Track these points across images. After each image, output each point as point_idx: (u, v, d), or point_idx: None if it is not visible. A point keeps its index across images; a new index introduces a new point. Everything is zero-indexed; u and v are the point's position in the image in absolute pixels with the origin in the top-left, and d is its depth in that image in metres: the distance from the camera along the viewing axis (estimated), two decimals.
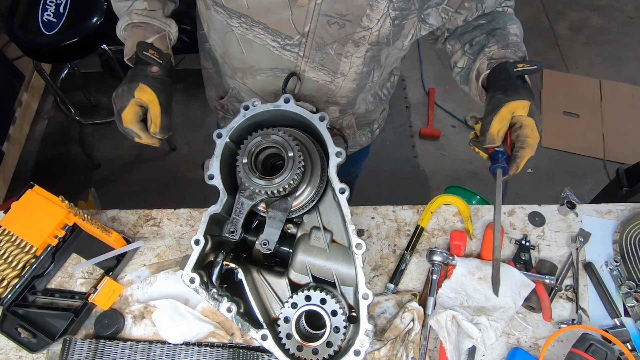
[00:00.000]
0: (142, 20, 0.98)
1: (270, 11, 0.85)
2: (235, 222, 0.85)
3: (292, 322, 0.79)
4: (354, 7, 0.81)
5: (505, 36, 0.95)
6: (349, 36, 0.87)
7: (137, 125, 0.93)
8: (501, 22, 0.98)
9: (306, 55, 0.91)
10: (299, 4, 0.82)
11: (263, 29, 0.89)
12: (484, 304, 0.99)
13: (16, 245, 1.05)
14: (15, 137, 2.62)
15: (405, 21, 0.86)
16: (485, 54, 0.95)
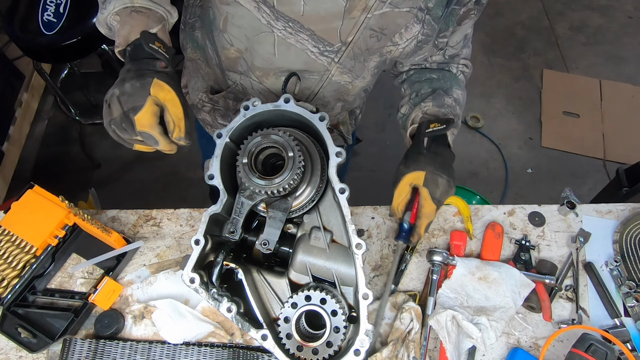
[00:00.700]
0: (144, 4, 0.84)
1: (324, 20, 0.85)
2: (235, 222, 0.85)
3: (292, 322, 0.79)
4: (394, 24, 0.86)
5: (444, 97, 1.02)
6: (379, 49, 0.91)
7: (157, 129, 0.78)
8: (449, 83, 1.05)
9: (340, 61, 0.94)
10: (352, 16, 0.84)
11: (309, 35, 0.88)
12: (484, 304, 0.99)
13: (16, 245, 1.05)
14: (15, 137, 2.62)
15: (425, 45, 0.94)
16: (421, 107, 1.01)
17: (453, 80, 1.07)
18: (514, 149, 2.66)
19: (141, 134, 0.79)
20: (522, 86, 2.89)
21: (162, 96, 0.79)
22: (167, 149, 0.82)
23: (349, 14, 0.84)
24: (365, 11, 0.83)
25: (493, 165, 2.61)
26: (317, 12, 0.84)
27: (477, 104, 2.82)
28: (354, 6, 0.82)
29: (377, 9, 0.83)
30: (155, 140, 0.80)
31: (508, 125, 2.75)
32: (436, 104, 1.01)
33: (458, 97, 1.04)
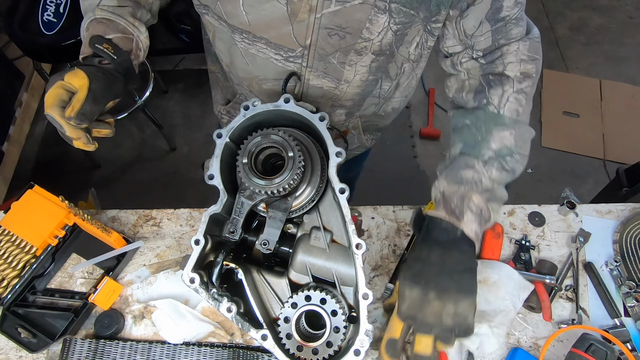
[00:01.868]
0: (105, 16, 0.88)
1: (272, 27, 0.85)
2: (235, 222, 0.85)
3: (292, 322, 0.79)
4: (353, 20, 0.81)
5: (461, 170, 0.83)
6: (350, 46, 0.86)
7: (55, 110, 0.80)
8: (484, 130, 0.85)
9: (309, 65, 0.91)
10: (299, 19, 0.82)
11: (265, 43, 0.88)
12: (484, 307, 0.98)
13: (16, 245, 1.05)
14: (15, 137, 2.63)
15: (408, 30, 0.84)
16: (437, 187, 0.85)
17: (491, 122, 0.85)
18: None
19: (48, 117, 0.81)
20: None
21: (74, 82, 0.80)
22: (72, 135, 0.82)
23: (294, 17, 0.82)
24: (311, 12, 0.81)
25: None
26: (261, 20, 0.84)
27: None
28: (297, 9, 0.81)
29: (324, 7, 0.80)
30: (59, 125, 0.81)
31: None
32: (451, 180, 0.83)
33: (499, 148, 0.84)
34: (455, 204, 0.81)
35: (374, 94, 1.02)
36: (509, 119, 0.86)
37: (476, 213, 0.80)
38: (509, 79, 0.87)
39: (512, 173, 0.85)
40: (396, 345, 0.76)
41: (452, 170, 0.84)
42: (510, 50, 0.86)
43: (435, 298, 0.73)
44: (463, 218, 0.79)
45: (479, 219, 0.80)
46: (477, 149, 0.84)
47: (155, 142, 2.72)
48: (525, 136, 0.88)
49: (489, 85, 0.87)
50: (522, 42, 0.86)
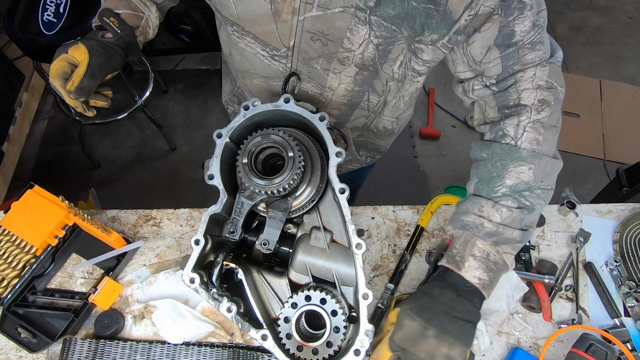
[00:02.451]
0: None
1: (257, 23, 0.86)
2: (235, 222, 0.85)
3: (292, 322, 0.79)
4: (334, 28, 0.82)
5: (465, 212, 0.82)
6: (332, 54, 0.87)
7: (58, 81, 0.87)
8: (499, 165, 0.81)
9: (294, 67, 0.92)
10: (282, 19, 0.83)
11: (253, 38, 0.90)
12: None
13: (16, 245, 1.05)
14: (15, 137, 2.63)
15: (391, 47, 0.83)
16: (447, 232, 0.84)
17: (507, 157, 0.81)
18: None
19: (51, 86, 0.89)
20: None
21: (77, 56, 0.87)
22: (69, 102, 0.90)
23: (278, 17, 0.83)
24: (294, 14, 0.82)
25: None
26: (247, 15, 0.86)
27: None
28: (281, 9, 0.82)
29: (306, 11, 0.81)
30: (60, 94, 0.88)
31: None
32: (455, 225, 0.83)
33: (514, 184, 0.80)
34: (457, 249, 0.80)
35: (362, 106, 1.02)
36: (527, 152, 0.81)
37: (480, 258, 0.78)
38: (526, 108, 0.82)
39: (532, 209, 0.80)
40: None
41: (456, 215, 0.83)
42: (525, 77, 0.82)
43: (433, 336, 0.72)
44: (464, 265, 0.78)
45: (485, 265, 0.78)
46: (490, 187, 0.81)
47: (155, 142, 2.72)
48: (547, 170, 0.83)
49: (504, 115, 0.83)
50: (540, 67, 0.82)
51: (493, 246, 0.79)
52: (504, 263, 0.80)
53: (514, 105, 0.83)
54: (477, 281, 0.77)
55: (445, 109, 2.81)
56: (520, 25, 0.77)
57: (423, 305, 0.75)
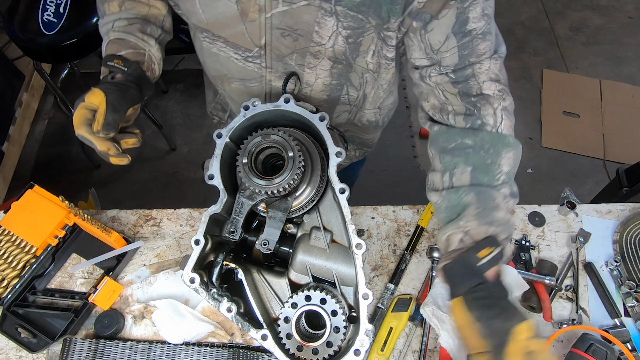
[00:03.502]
0: (117, 36, 0.95)
1: (226, 25, 0.87)
2: (235, 222, 0.85)
3: (292, 322, 0.79)
4: (302, 22, 0.82)
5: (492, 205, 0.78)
6: (305, 49, 0.87)
7: (83, 129, 0.85)
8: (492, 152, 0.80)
9: (268, 65, 0.92)
10: (250, 18, 0.83)
11: (224, 42, 0.91)
12: None
13: (16, 245, 1.05)
14: (15, 137, 2.63)
15: (361, 38, 0.83)
16: (459, 228, 0.79)
17: (499, 143, 0.81)
18: None
19: (79, 137, 0.86)
20: (522, 86, 2.89)
21: (93, 100, 0.85)
22: (102, 148, 0.86)
23: (245, 17, 0.83)
24: (261, 12, 0.82)
25: None
26: (216, 19, 0.86)
27: None
28: (247, 8, 0.82)
29: (273, 7, 0.81)
30: (89, 141, 0.86)
31: None
32: (485, 223, 0.77)
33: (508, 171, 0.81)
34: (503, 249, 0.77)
35: (343, 100, 1.02)
36: (511, 138, 0.82)
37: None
38: (491, 98, 0.82)
39: (517, 197, 0.82)
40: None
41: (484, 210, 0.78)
42: (482, 69, 0.81)
43: None
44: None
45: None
46: (491, 175, 0.80)
47: (155, 142, 2.72)
48: (519, 155, 0.84)
49: (476, 107, 0.82)
50: (492, 60, 0.82)
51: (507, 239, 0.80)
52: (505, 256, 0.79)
53: (477, 94, 0.82)
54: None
55: None
56: (473, 12, 0.77)
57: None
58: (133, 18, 0.96)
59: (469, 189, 0.80)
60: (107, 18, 0.97)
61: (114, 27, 0.96)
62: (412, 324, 1.01)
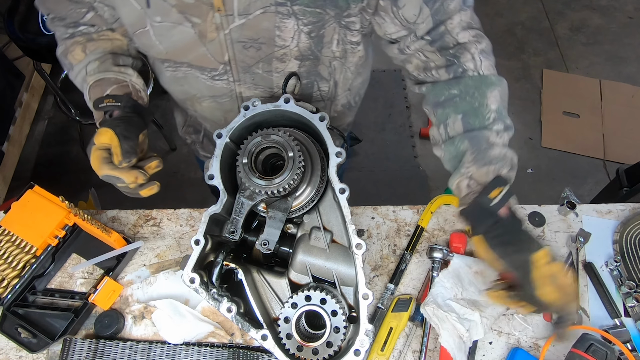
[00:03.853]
0: (95, 79, 0.94)
1: (188, 50, 0.87)
2: (235, 222, 0.85)
3: (292, 322, 0.79)
4: (262, 30, 0.82)
5: (485, 146, 0.83)
6: (270, 55, 0.88)
7: (106, 168, 0.85)
8: (478, 95, 0.84)
9: (237, 79, 0.93)
10: (209, 38, 0.84)
11: (188, 66, 0.91)
12: (477, 297, 0.99)
13: (16, 245, 1.05)
14: (15, 137, 2.62)
15: (322, 30, 0.85)
16: (462, 174, 0.84)
17: (482, 85, 0.85)
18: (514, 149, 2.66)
19: (105, 179, 0.86)
20: (522, 86, 2.89)
21: (103, 139, 0.85)
22: (130, 179, 0.85)
23: (204, 38, 0.84)
24: (219, 30, 0.82)
25: None
26: (175, 47, 0.87)
27: None
28: (204, 29, 0.82)
29: (230, 23, 0.81)
30: (116, 177, 0.85)
31: None
32: (482, 164, 0.82)
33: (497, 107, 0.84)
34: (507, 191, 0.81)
35: (315, 97, 1.03)
36: (494, 77, 0.86)
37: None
38: (467, 44, 0.86)
39: (512, 129, 0.86)
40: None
41: (478, 153, 0.83)
42: (454, 22, 0.84)
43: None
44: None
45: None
46: (481, 117, 0.84)
47: (155, 142, 2.72)
48: (506, 90, 0.88)
49: (455, 57, 0.86)
50: (462, 12, 0.84)
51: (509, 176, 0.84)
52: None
53: (455, 45, 0.86)
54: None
55: None
56: None
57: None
58: (102, 56, 0.97)
59: (463, 136, 0.85)
60: (76, 68, 0.98)
61: (88, 72, 0.96)
62: (412, 324, 1.01)
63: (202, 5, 0.79)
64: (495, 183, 0.80)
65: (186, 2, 0.79)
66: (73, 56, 0.97)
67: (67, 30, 0.97)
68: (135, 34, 0.87)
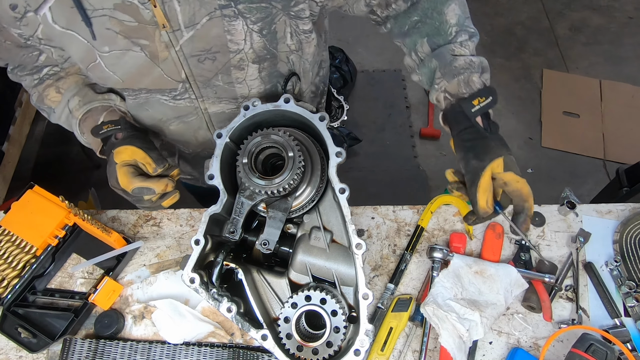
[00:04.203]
0: (82, 112, 0.97)
1: (143, 75, 0.87)
2: (235, 222, 0.85)
3: (292, 322, 0.79)
4: (213, 38, 0.82)
5: (450, 59, 0.87)
6: (227, 64, 0.87)
7: (137, 180, 0.89)
8: (436, 13, 0.88)
9: (199, 95, 0.93)
10: (162, 58, 0.83)
11: (147, 92, 0.92)
12: (477, 297, 0.99)
13: (16, 245, 1.05)
14: (15, 137, 2.62)
15: (273, 25, 0.84)
16: (437, 90, 0.89)
17: (437, 4, 0.89)
18: (514, 149, 2.66)
19: (135, 194, 0.90)
20: (522, 86, 2.89)
21: (124, 157, 0.91)
22: (161, 188, 0.90)
23: (157, 59, 0.83)
24: (169, 47, 0.82)
25: None
26: (129, 73, 0.86)
27: None
28: (155, 50, 0.82)
29: (179, 38, 0.80)
30: (147, 189, 0.90)
31: (508, 125, 2.75)
32: (451, 76, 0.86)
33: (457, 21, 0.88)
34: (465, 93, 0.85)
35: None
36: None
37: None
38: None
39: (476, 35, 0.90)
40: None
41: (445, 67, 0.87)
42: None
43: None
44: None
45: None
46: (444, 34, 0.88)
47: None
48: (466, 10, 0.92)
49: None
50: None
51: (481, 79, 0.87)
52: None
53: None
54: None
55: None
56: None
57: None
58: (79, 90, 0.98)
59: (431, 56, 0.89)
60: (57, 110, 0.99)
61: (72, 109, 0.98)
62: (412, 324, 1.01)
63: (147, 27, 0.78)
64: (481, 93, 0.84)
65: (130, 25, 0.78)
66: (50, 100, 0.99)
67: (33, 78, 0.98)
68: (88, 68, 0.87)
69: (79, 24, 0.77)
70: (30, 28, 0.82)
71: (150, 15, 0.76)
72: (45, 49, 0.89)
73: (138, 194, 0.90)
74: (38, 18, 0.79)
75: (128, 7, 0.76)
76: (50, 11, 0.77)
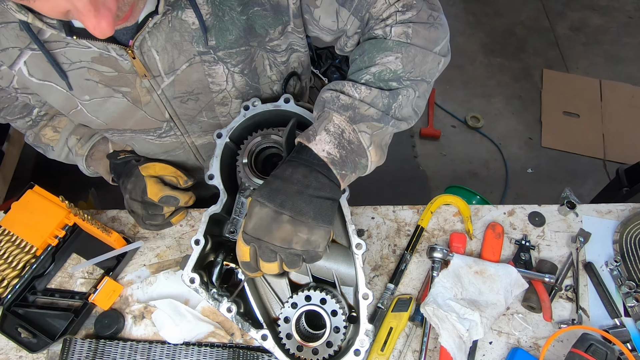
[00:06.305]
0: (87, 148, 1.03)
1: (126, 118, 0.87)
2: (235, 222, 0.85)
3: (292, 322, 0.79)
4: (194, 82, 0.82)
5: (321, 93, 0.76)
6: (210, 103, 0.87)
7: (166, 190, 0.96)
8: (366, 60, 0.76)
9: (184, 132, 0.94)
10: (144, 102, 0.84)
11: (132, 132, 0.92)
12: (477, 297, 0.99)
13: (16, 245, 1.05)
14: (15, 137, 2.62)
15: (253, 63, 0.84)
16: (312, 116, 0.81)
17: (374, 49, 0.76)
18: (514, 149, 2.67)
19: (161, 202, 0.96)
20: (522, 86, 2.89)
21: (152, 171, 0.96)
22: (185, 199, 0.98)
23: (139, 103, 0.84)
24: (150, 92, 0.82)
25: (493, 165, 2.61)
26: (112, 117, 0.87)
27: (477, 103, 2.82)
28: (137, 95, 0.82)
29: (160, 83, 0.80)
30: (174, 198, 0.96)
31: (508, 125, 2.75)
32: (317, 107, 0.76)
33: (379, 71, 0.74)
34: (314, 126, 0.72)
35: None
36: (393, 42, 0.74)
37: (334, 134, 0.70)
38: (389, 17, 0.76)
39: (396, 94, 0.74)
40: (250, 265, 0.71)
41: (317, 98, 0.77)
42: (376, 7, 0.77)
43: (288, 221, 0.65)
44: (315, 138, 0.69)
45: (338, 141, 0.69)
46: (356, 76, 0.75)
47: None
48: (418, 59, 0.75)
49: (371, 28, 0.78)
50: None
51: (350, 123, 0.70)
52: (359, 144, 0.72)
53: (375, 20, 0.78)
54: (325, 155, 0.68)
55: (445, 109, 2.81)
56: None
57: (274, 189, 0.67)
58: (75, 129, 1.00)
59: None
60: (57, 148, 1.02)
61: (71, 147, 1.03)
62: (412, 324, 1.01)
63: (127, 75, 0.78)
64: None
65: (109, 75, 0.78)
66: (48, 139, 1.02)
67: (25, 120, 0.99)
68: (70, 114, 0.87)
69: (56, 76, 0.77)
70: (4, 80, 0.82)
71: (130, 65, 0.76)
72: (23, 97, 0.89)
73: (165, 203, 0.96)
74: (13, 72, 0.79)
75: (106, 59, 0.76)
76: (25, 65, 0.77)
